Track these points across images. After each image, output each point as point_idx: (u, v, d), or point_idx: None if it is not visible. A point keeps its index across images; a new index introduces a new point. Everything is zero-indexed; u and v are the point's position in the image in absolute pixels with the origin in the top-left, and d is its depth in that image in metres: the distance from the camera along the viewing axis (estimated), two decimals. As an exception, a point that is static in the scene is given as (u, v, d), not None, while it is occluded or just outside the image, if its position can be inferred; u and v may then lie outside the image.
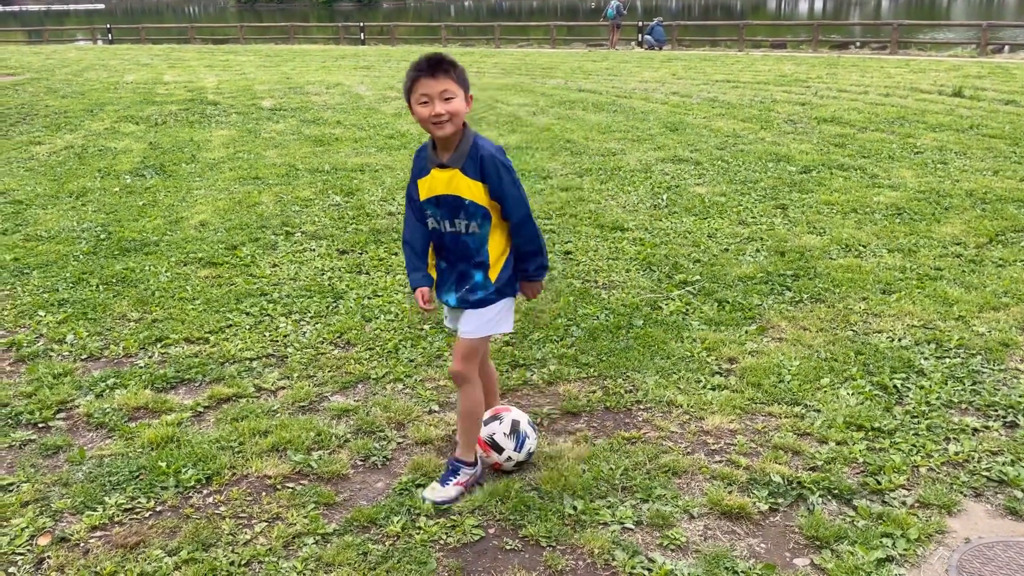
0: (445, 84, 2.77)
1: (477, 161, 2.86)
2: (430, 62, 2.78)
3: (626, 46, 30.02)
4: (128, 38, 40.53)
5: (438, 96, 2.76)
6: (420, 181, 2.98)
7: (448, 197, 2.90)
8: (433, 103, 2.77)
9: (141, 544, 2.85)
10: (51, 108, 13.63)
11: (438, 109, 2.77)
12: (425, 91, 2.77)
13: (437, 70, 2.76)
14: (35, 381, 4.06)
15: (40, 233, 6.54)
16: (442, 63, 2.78)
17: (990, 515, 2.99)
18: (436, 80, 2.76)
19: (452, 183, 2.88)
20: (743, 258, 5.67)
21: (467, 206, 2.89)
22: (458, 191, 2.88)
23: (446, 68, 2.78)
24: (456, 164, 2.87)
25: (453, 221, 2.93)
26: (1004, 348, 4.24)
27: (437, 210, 2.95)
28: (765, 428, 3.55)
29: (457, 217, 2.92)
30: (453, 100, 2.78)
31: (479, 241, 2.95)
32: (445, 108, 2.77)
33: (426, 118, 2.79)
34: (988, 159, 8.61)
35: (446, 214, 2.94)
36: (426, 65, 2.77)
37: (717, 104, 13.19)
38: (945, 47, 26.63)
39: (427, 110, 2.78)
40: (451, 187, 2.89)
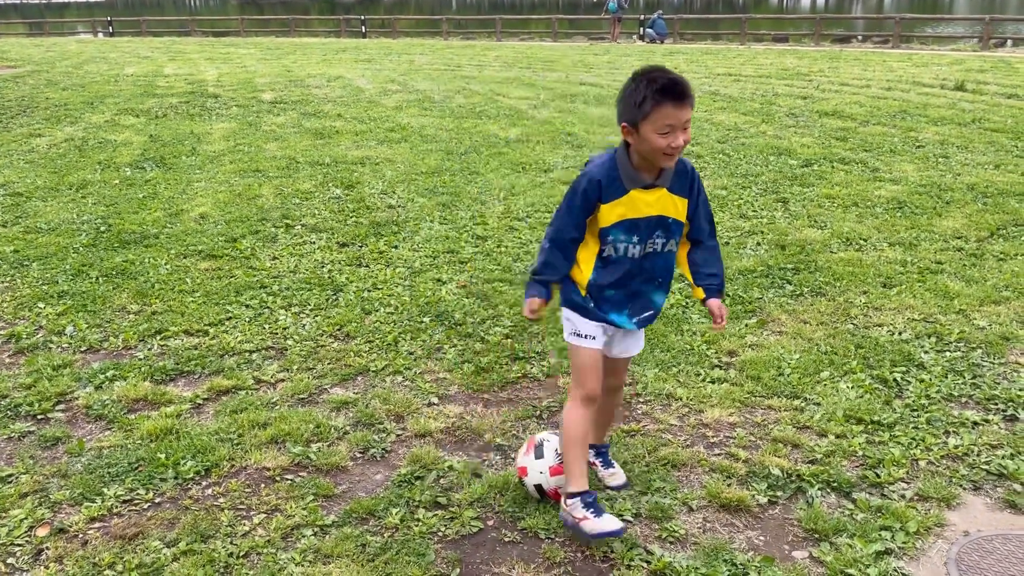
0: (688, 114, 2.46)
1: (685, 177, 2.66)
2: (680, 89, 2.43)
3: (628, 40, 29.97)
4: (129, 31, 40.49)
5: (682, 127, 2.47)
6: (609, 204, 2.61)
7: (653, 219, 2.64)
8: (676, 134, 2.46)
9: (140, 535, 2.85)
10: (51, 100, 13.62)
11: (680, 141, 2.47)
12: (671, 121, 2.44)
13: (685, 97, 2.44)
14: (34, 373, 4.06)
15: (40, 225, 6.53)
16: (688, 89, 2.45)
17: (989, 508, 2.98)
18: (682, 110, 2.45)
19: (659, 203, 2.64)
20: (744, 251, 5.66)
21: (670, 225, 2.68)
22: (665, 211, 2.65)
23: (691, 94, 2.46)
24: (665, 183, 2.63)
25: (647, 243, 2.67)
26: (1004, 342, 4.23)
27: (630, 235, 2.65)
28: (764, 421, 3.55)
29: (652, 238, 2.67)
30: (689, 127, 2.52)
31: (669, 260, 2.75)
32: (685, 138, 2.49)
33: (661, 148, 2.48)
34: (990, 153, 8.59)
35: (644, 237, 2.66)
36: (676, 92, 2.43)
37: (719, 97, 13.16)
38: (947, 41, 26.56)
39: (666, 140, 2.46)
40: (658, 207, 2.64)
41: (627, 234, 2.65)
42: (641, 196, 2.62)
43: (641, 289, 2.75)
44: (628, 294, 2.74)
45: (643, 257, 2.69)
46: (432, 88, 15.19)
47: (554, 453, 2.94)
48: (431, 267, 5.48)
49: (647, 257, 2.70)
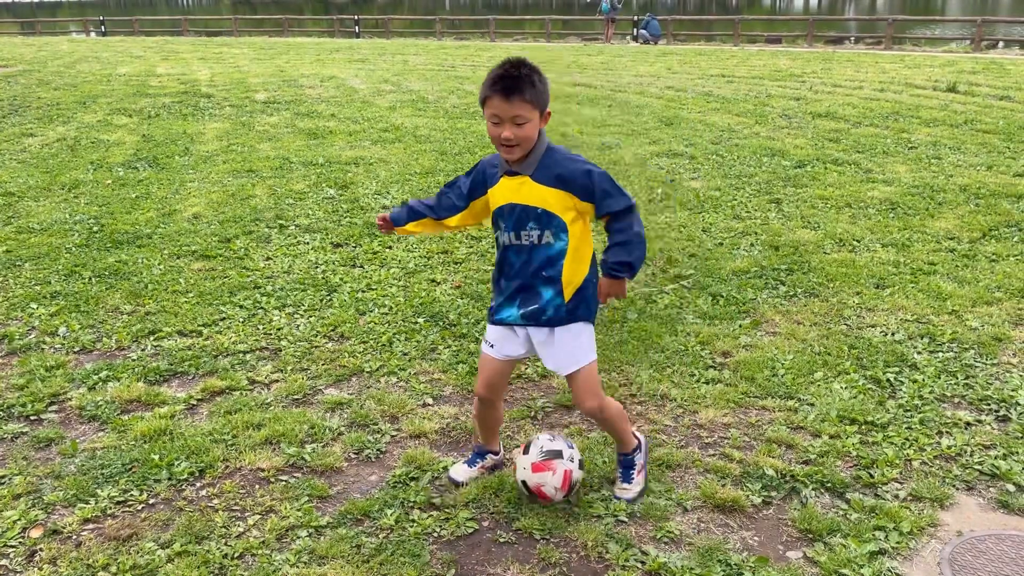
0: (519, 109, 2.52)
1: (552, 167, 2.64)
2: (506, 83, 2.51)
3: (621, 40, 29.99)
4: (121, 30, 40.35)
5: (510, 120, 2.54)
6: (491, 190, 2.75)
7: (517, 207, 2.68)
8: (503, 125, 2.55)
9: (134, 537, 2.84)
10: (43, 100, 13.56)
11: (506, 134, 2.56)
12: (496, 112, 2.55)
13: (512, 92, 2.51)
14: (27, 373, 4.04)
15: (32, 225, 6.50)
16: (519, 85, 2.51)
17: (982, 508, 3.00)
18: (510, 104, 2.52)
19: (522, 191, 2.67)
20: (737, 252, 5.68)
21: (540, 215, 2.67)
22: (528, 200, 2.66)
23: (522, 90, 2.51)
24: (527, 171, 2.65)
25: (519, 233, 2.70)
26: (997, 342, 4.25)
27: (503, 221, 2.74)
28: (758, 422, 3.56)
29: (524, 229, 2.69)
30: (525, 125, 2.55)
31: (550, 253, 2.71)
32: (515, 133, 2.55)
33: (494, 138, 2.60)
34: (982, 154, 8.63)
35: (512, 226, 2.71)
36: (501, 86, 2.51)
37: (712, 99, 13.19)
38: (940, 43, 26.67)
39: (497, 131, 2.58)
40: (520, 195, 2.67)
41: (504, 220, 2.74)
42: (507, 183, 2.70)
43: (528, 282, 2.75)
44: (517, 287, 2.77)
45: (520, 247, 2.73)
46: (426, 88, 15.18)
47: (539, 451, 2.96)
48: (425, 268, 5.48)
49: (524, 248, 2.72)
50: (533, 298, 2.76)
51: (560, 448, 2.96)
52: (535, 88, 2.54)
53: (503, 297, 2.82)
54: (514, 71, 2.53)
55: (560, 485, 2.91)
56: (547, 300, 2.75)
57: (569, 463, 2.94)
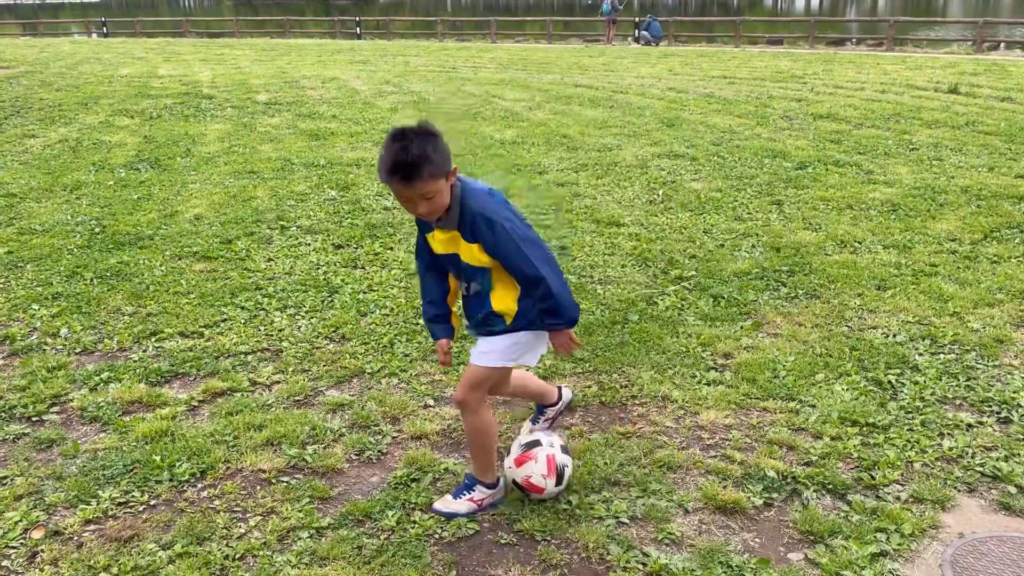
0: (422, 189, 2.52)
1: (467, 225, 2.67)
2: (401, 172, 2.49)
3: (623, 42, 30.00)
4: (123, 31, 40.38)
5: (418, 198, 2.55)
6: (428, 236, 2.83)
7: (456, 258, 2.76)
8: (414, 204, 2.58)
9: (135, 538, 2.85)
10: (45, 101, 13.57)
11: (421, 211, 2.60)
12: (403, 195, 2.57)
13: (412, 178, 2.49)
14: (29, 375, 4.05)
15: (34, 226, 6.51)
16: (416, 168, 2.48)
17: (984, 510, 2.99)
18: (411, 188, 2.52)
19: (454, 244, 2.74)
20: (739, 254, 5.68)
21: (465, 268, 2.76)
22: (458, 251, 2.74)
23: (420, 171, 2.49)
24: (451, 226, 2.70)
25: (469, 284, 2.81)
26: (998, 344, 4.25)
27: (452, 269, 2.84)
28: (760, 423, 3.56)
29: (474, 280, 2.79)
30: (435, 198, 2.57)
31: (482, 297, 2.81)
32: (427, 208, 2.59)
33: (410, 211, 2.65)
34: (983, 156, 8.62)
35: (461, 275, 2.81)
36: (398, 176, 2.49)
37: (713, 100, 13.19)
38: (941, 44, 26.67)
39: (410, 207, 2.62)
40: (452, 247, 2.75)
41: (449, 266, 2.84)
42: (439, 235, 2.76)
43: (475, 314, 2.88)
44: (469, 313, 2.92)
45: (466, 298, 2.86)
46: (427, 90, 15.18)
47: (518, 446, 3.04)
48: (427, 269, 5.47)
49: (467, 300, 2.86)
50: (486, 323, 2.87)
51: (537, 438, 3.04)
52: (432, 163, 2.51)
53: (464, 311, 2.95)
54: (406, 155, 2.48)
55: (546, 472, 2.94)
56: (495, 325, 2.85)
57: (549, 448, 2.99)
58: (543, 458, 2.95)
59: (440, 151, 2.55)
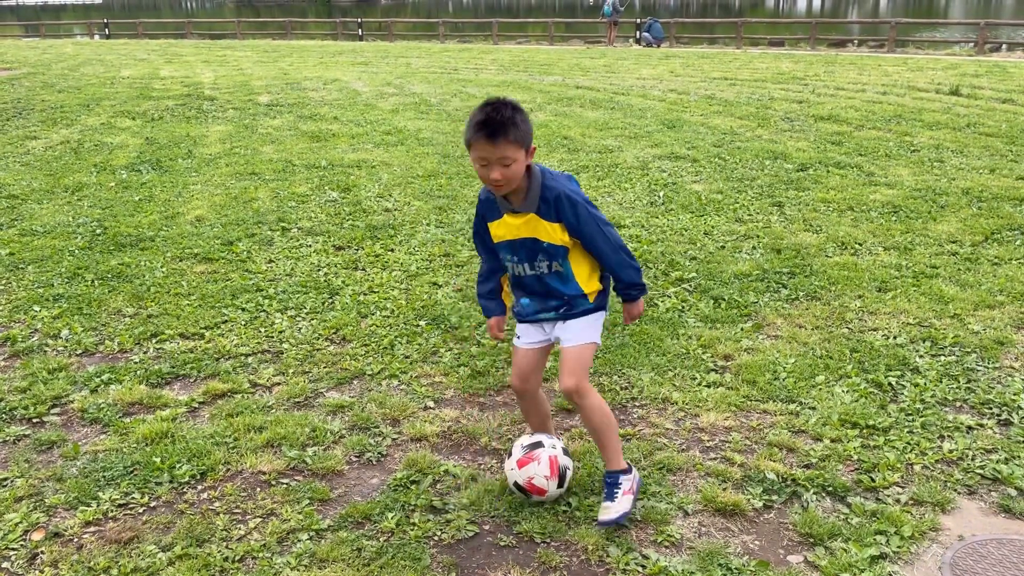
0: (504, 151, 2.56)
1: (551, 203, 2.72)
2: (490, 127, 2.55)
3: (624, 43, 30.01)
4: (125, 33, 40.43)
5: (496, 162, 2.59)
6: (491, 224, 2.86)
7: (529, 240, 2.77)
8: (491, 167, 2.60)
9: (135, 539, 2.85)
10: (47, 103, 13.60)
11: (495, 176, 2.61)
12: (483, 155, 2.60)
13: (497, 135, 2.55)
14: (30, 376, 4.05)
15: (35, 228, 6.52)
16: (503, 128, 2.55)
17: (984, 513, 2.99)
18: (495, 146, 2.56)
19: (528, 226, 2.76)
20: (739, 255, 5.67)
21: (546, 248, 2.78)
22: (535, 234, 2.76)
23: (507, 132, 2.55)
24: (530, 209, 2.73)
25: (533, 264, 2.83)
26: (999, 346, 4.24)
27: (513, 254, 2.84)
28: (760, 425, 3.56)
29: (536, 260, 2.81)
30: (512, 165, 2.60)
31: (565, 278, 2.85)
32: (503, 174, 2.61)
33: (484, 179, 2.66)
34: (985, 157, 8.62)
35: (524, 257, 2.82)
36: (485, 131, 2.56)
37: (714, 101, 13.19)
38: (943, 46, 26.66)
39: (484, 172, 2.63)
40: (527, 230, 2.76)
41: (509, 253, 2.85)
42: (511, 220, 2.79)
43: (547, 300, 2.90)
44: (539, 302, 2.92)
45: (535, 276, 2.86)
46: (428, 91, 15.19)
47: (520, 448, 3.02)
48: (427, 270, 5.48)
49: (539, 277, 2.86)
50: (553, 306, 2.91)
51: (539, 439, 3.04)
52: (519, 128, 2.59)
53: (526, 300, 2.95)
54: (496, 114, 2.58)
55: (549, 473, 2.94)
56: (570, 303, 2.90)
57: (552, 450, 2.99)
58: (545, 459, 2.96)
59: (526, 123, 2.64)
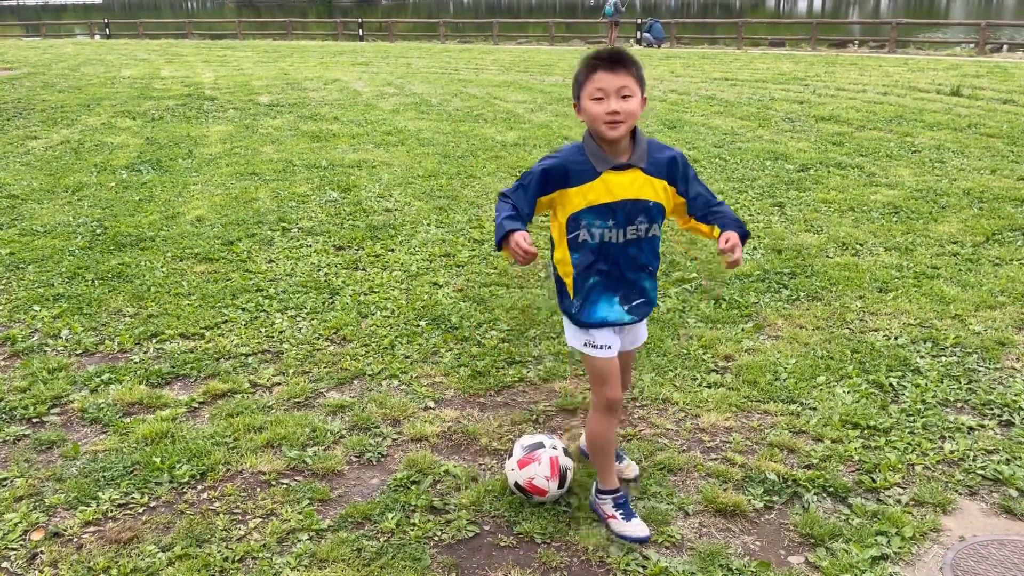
0: (624, 80, 2.50)
1: (660, 160, 2.62)
2: (611, 55, 2.52)
3: (625, 43, 30.01)
4: (125, 33, 40.44)
5: (615, 92, 2.49)
6: (576, 190, 2.59)
7: (628, 202, 2.60)
8: (609, 99, 2.49)
9: (135, 540, 2.84)
10: (47, 103, 13.60)
11: (614, 106, 2.49)
12: (602, 85, 2.49)
13: (617, 64, 2.50)
14: (30, 376, 4.05)
15: (36, 228, 6.52)
16: (623, 57, 2.52)
17: (985, 514, 2.99)
18: (615, 75, 2.49)
19: (635, 185, 2.60)
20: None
21: (651, 208, 2.63)
22: (642, 193, 2.61)
23: (627, 63, 2.51)
24: (639, 163, 2.60)
25: (627, 229, 2.63)
26: (1000, 347, 4.24)
27: (605, 219, 2.61)
28: (761, 426, 3.55)
29: (633, 223, 2.63)
30: (631, 99, 2.51)
31: (655, 245, 2.71)
32: (622, 106, 2.49)
33: (598, 116, 2.51)
34: (986, 158, 8.61)
35: (621, 222, 2.62)
36: (607, 56, 2.52)
37: (715, 102, 13.19)
38: (943, 46, 26.64)
39: (602, 107, 2.50)
40: (634, 189, 2.60)
41: (602, 219, 2.61)
42: (615, 179, 2.58)
43: (627, 277, 2.70)
44: (614, 282, 2.70)
45: (626, 243, 2.65)
46: (429, 91, 15.19)
47: (521, 448, 3.03)
48: (427, 271, 5.48)
49: (630, 243, 2.66)
50: (636, 293, 2.74)
51: (540, 440, 3.04)
52: (640, 69, 2.56)
53: (599, 295, 2.71)
54: (620, 52, 2.56)
55: (549, 473, 2.94)
56: (651, 292, 2.79)
57: (552, 450, 2.99)
58: (546, 460, 2.95)
59: (644, 72, 2.59)
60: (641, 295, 2.76)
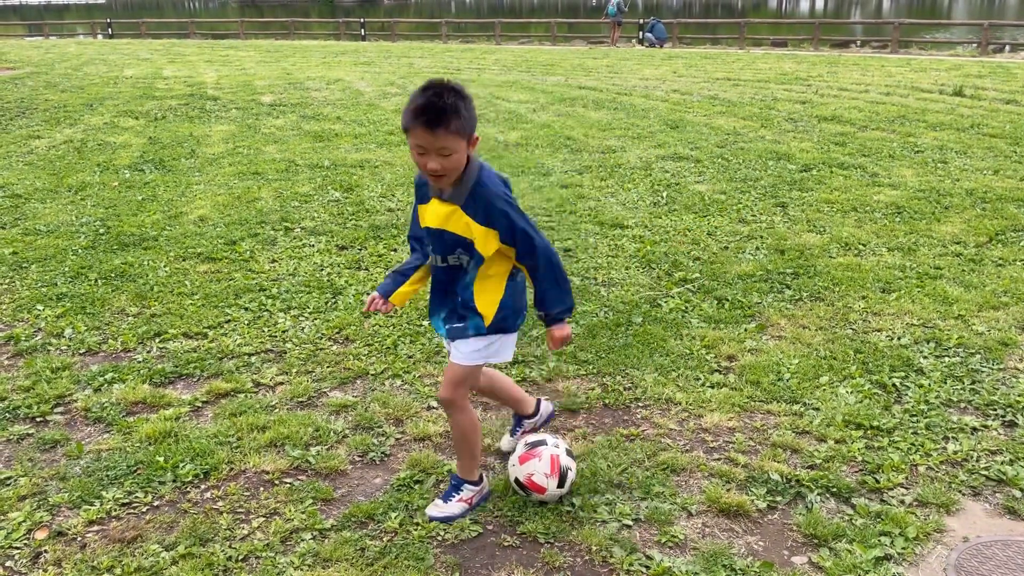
0: (444, 141, 2.45)
1: (482, 203, 2.60)
2: (429, 115, 2.42)
3: (627, 43, 30.00)
4: (128, 33, 40.47)
5: (435, 151, 2.47)
6: (421, 207, 2.77)
7: (446, 233, 2.67)
8: (429, 156, 2.49)
9: (138, 539, 2.85)
10: (50, 102, 13.61)
11: (432, 166, 2.50)
12: (421, 143, 2.47)
13: (435, 124, 2.42)
14: (33, 375, 4.05)
15: (39, 227, 6.52)
16: (442, 117, 2.42)
17: (988, 514, 2.98)
18: (434, 135, 2.44)
19: (451, 219, 2.64)
20: (743, 256, 5.67)
21: (466, 244, 2.66)
22: (456, 229, 2.65)
23: (448, 121, 2.43)
24: (457, 201, 2.62)
25: (446, 257, 2.72)
26: (1003, 347, 4.23)
27: (433, 242, 2.74)
28: (764, 426, 3.55)
29: (452, 253, 2.70)
30: (452, 156, 2.48)
31: (467, 284, 2.75)
32: (442, 164, 2.49)
33: (421, 167, 2.55)
34: (988, 158, 8.60)
35: (440, 248, 2.72)
36: (425, 118, 2.43)
37: (717, 102, 13.18)
38: (946, 46, 26.62)
39: (422, 161, 2.51)
40: (450, 223, 2.65)
41: (430, 240, 2.75)
42: (437, 207, 2.67)
43: (446, 301, 2.82)
44: (438, 300, 2.85)
45: (447, 268, 2.76)
46: (431, 91, 15.16)
47: (523, 444, 3.05)
48: (430, 270, 5.48)
49: (450, 269, 2.75)
50: (455, 317, 2.81)
51: (543, 438, 3.07)
52: (460, 117, 2.45)
53: (433, 305, 2.90)
54: (438, 100, 2.43)
55: (549, 471, 2.94)
56: (470, 322, 2.78)
57: (554, 448, 3.00)
58: (547, 457, 2.96)
59: (470, 111, 2.51)
60: (458, 319, 2.80)
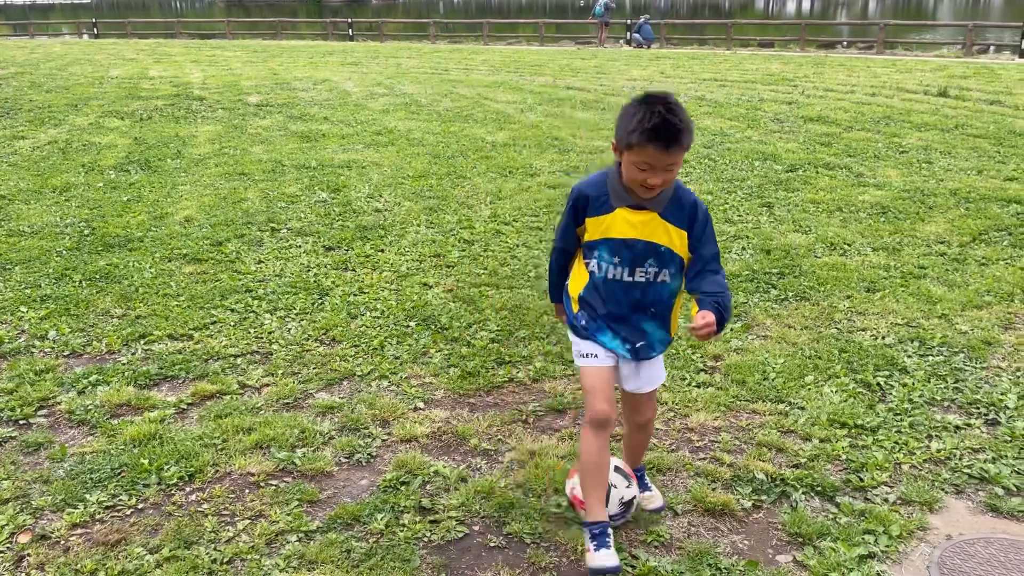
0: (675, 157, 2.36)
1: (684, 208, 2.51)
2: (667, 135, 2.32)
3: (615, 44, 30.05)
4: (113, 32, 40.21)
5: (662, 168, 2.38)
6: (595, 219, 2.56)
7: (639, 243, 2.52)
8: (654, 172, 2.38)
9: (122, 542, 2.83)
10: (35, 103, 13.51)
11: (654, 181, 2.40)
12: (651, 161, 2.36)
13: (673, 144, 2.33)
14: (16, 377, 4.02)
15: (23, 228, 6.48)
16: (680, 136, 2.33)
17: (971, 512, 3.01)
18: (668, 154, 2.34)
19: (647, 228, 2.51)
20: (729, 256, 5.69)
21: (662, 253, 2.53)
22: (653, 236, 2.51)
23: (682, 139, 2.34)
24: (657, 207, 2.50)
25: (634, 269, 2.55)
26: (986, 346, 4.27)
27: (612, 255, 2.55)
28: (749, 425, 3.57)
29: (642, 265, 2.54)
30: (675, 170, 2.41)
31: (662, 292, 2.59)
32: (664, 179, 2.41)
33: (637, 180, 2.42)
34: (972, 159, 8.67)
35: (627, 261, 2.54)
36: (662, 140, 2.32)
37: (704, 102, 13.22)
38: (931, 47, 26.79)
39: (643, 176, 2.39)
40: (646, 232, 2.51)
41: (610, 254, 2.56)
42: (627, 216, 2.51)
43: (629, 316, 2.61)
44: (616, 317, 2.62)
45: (632, 283, 2.57)
46: (419, 92, 15.17)
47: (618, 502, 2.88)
48: (417, 271, 5.47)
49: (637, 285, 2.57)
50: (638, 334, 2.63)
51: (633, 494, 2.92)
52: (692, 134, 2.39)
53: (603, 324, 2.63)
54: (675, 120, 2.32)
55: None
56: (655, 338, 2.65)
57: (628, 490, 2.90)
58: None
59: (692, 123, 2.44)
60: (642, 338, 2.64)
